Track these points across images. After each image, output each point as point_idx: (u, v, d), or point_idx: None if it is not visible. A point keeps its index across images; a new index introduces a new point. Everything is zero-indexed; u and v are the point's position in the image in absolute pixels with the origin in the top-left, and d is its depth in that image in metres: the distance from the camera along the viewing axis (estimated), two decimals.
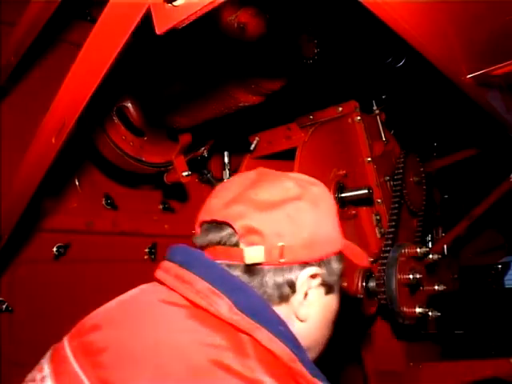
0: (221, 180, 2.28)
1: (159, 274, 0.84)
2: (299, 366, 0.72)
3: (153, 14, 0.76)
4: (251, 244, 0.79)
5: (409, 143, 2.24)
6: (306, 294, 0.84)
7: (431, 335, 2.31)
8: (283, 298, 0.82)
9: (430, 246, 2.72)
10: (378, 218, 1.94)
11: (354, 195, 1.78)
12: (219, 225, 0.84)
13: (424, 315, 1.75)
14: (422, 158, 2.27)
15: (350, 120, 1.97)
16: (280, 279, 0.80)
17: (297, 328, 0.83)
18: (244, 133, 2.11)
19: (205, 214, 0.89)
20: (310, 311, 0.85)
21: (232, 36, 1.44)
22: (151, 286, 0.85)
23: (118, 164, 2.05)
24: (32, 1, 1.45)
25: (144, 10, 0.77)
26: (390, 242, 1.85)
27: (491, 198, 2.34)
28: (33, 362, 0.83)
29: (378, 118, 2.08)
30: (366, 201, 1.88)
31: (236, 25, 1.42)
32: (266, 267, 0.80)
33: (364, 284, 1.77)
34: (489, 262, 3.42)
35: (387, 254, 1.78)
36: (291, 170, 1.70)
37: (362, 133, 1.97)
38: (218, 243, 0.84)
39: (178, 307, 0.76)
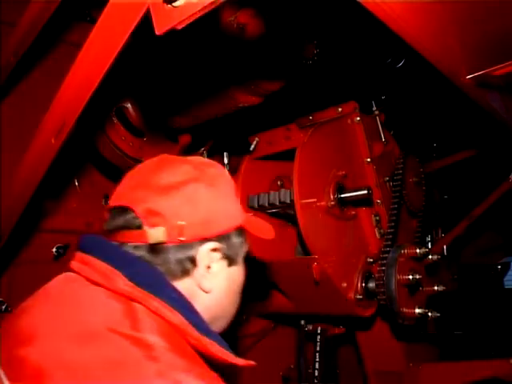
0: None
1: (71, 263, 0.93)
2: (188, 328, 0.80)
3: (152, 14, 0.76)
4: (153, 225, 0.87)
5: (408, 144, 2.23)
6: (208, 267, 0.91)
7: (431, 336, 2.31)
8: (185, 272, 0.89)
9: (430, 246, 2.72)
10: (377, 218, 1.94)
11: (354, 196, 1.78)
12: (124, 209, 0.91)
13: (423, 316, 1.75)
14: (422, 158, 2.27)
15: (349, 121, 1.97)
16: (181, 255, 0.88)
17: (203, 299, 0.92)
18: (244, 133, 2.11)
19: (113, 200, 0.96)
20: (213, 283, 0.92)
21: (232, 36, 1.44)
22: (66, 274, 0.93)
23: (118, 164, 2.05)
24: (32, 1, 1.45)
25: (144, 11, 0.78)
26: (389, 242, 1.85)
27: (491, 199, 2.34)
28: None
29: (377, 118, 2.07)
30: (365, 201, 1.88)
31: (235, 25, 1.42)
32: (169, 245, 0.87)
33: (363, 284, 1.77)
34: (489, 263, 3.42)
35: (387, 255, 1.78)
36: (291, 170, 1.71)
37: (362, 133, 1.97)
38: (124, 227, 0.90)
39: (82, 287, 0.85)
